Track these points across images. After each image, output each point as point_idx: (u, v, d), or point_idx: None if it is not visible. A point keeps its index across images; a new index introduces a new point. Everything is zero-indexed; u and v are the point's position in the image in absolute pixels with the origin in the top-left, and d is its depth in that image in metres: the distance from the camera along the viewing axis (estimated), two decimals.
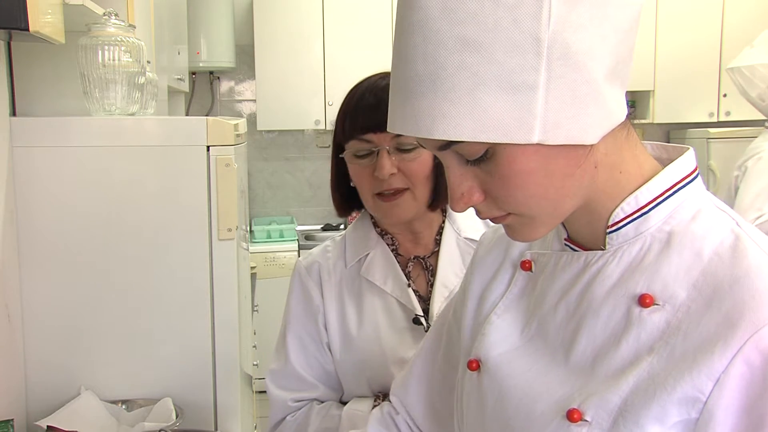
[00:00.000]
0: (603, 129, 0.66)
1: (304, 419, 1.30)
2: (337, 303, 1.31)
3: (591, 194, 0.71)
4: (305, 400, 1.33)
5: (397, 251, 1.33)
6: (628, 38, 0.67)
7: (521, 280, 0.83)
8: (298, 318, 1.34)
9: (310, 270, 1.34)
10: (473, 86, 0.62)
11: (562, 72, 0.62)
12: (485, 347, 0.81)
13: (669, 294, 0.67)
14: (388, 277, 1.29)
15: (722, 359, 0.61)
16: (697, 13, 4.46)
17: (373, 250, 1.32)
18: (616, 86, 0.67)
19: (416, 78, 0.64)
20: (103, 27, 1.72)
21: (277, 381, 1.35)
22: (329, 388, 1.33)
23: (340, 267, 1.33)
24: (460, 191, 0.69)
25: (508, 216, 0.70)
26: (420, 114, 0.64)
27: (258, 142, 4.83)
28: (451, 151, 0.67)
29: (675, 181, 0.72)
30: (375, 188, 1.23)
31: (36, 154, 1.67)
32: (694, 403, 0.62)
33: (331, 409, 1.29)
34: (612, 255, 0.72)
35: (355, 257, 1.32)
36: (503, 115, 0.62)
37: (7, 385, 1.62)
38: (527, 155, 0.64)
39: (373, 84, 1.27)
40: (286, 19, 4.41)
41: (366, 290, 1.30)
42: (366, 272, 1.30)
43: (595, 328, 0.71)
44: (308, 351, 1.33)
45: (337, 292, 1.32)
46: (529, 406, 0.72)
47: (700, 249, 0.68)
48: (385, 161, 1.20)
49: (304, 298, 1.33)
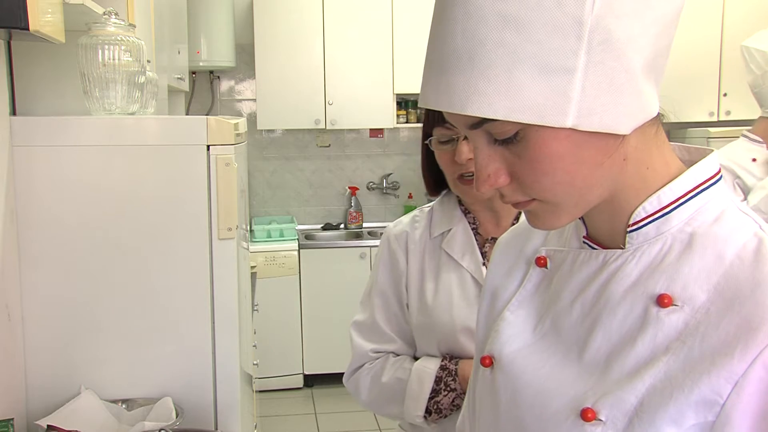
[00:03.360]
0: (636, 121, 0.66)
1: (380, 368, 1.44)
2: (418, 270, 1.44)
3: (617, 188, 0.70)
4: (383, 352, 1.47)
5: (477, 230, 1.44)
6: (668, 32, 0.67)
7: (535, 277, 0.83)
8: (384, 278, 1.48)
9: (398, 238, 1.48)
10: (511, 65, 0.61)
11: (601, 58, 0.62)
12: (499, 344, 0.81)
13: (689, 295, 0.66)
14: (466, 252, 1.41)
15: (742, 362, 0.61)
16: (698, 12, 4.45)
17: (456, 227, 1.44)
18: (651, 80, 0.67)
19: (453, 53, 0.63)
20: (103, 26, 1.72)
21: (361, 331, 1.49)
22: (405, 344, 1.47)
23: (425, 237, 1.46)
24: (486, 172, 0.68)
25: (532, 202, 0.70)
26: (455, 89, 0.63)
27: (258, 141, 4.83)
28: (482, 130, 0.67)
29: (698, 183, 0.71)
30: (456, 171, 1.35)
31: (36, 153, 1.67)
32: (712, 406, 0.62)
33: (404, 363, 1.42)
34: (631, 254, 0.71)
35: (439, 231, 1.45)
36: (538, 97, 0.61)
37: (8, 384, 1.62)
38: (559, 139, 0.64)
39: None
40: (286, 19, 4.41)
41: (445, 262, 1.42)
42: (447, 246, 1.43)
43: (611, 326, 0.70)
44: (390, 308, 1.47)
45: (420, 260, 1.45)
46: (543, 404, 0.72)
47: (723, 252, 0.67)
48: (463, 147, 1.32)
49: (391, 261, 1.48)
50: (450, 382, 1.34)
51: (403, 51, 4.45)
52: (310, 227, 4.87)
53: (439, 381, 1.34)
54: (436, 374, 1.35)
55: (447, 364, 1.36)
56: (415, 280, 1.44)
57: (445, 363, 1.36)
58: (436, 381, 1.34)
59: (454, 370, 1.35)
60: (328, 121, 4.48)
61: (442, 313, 1.38)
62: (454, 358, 1.37)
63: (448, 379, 1.34)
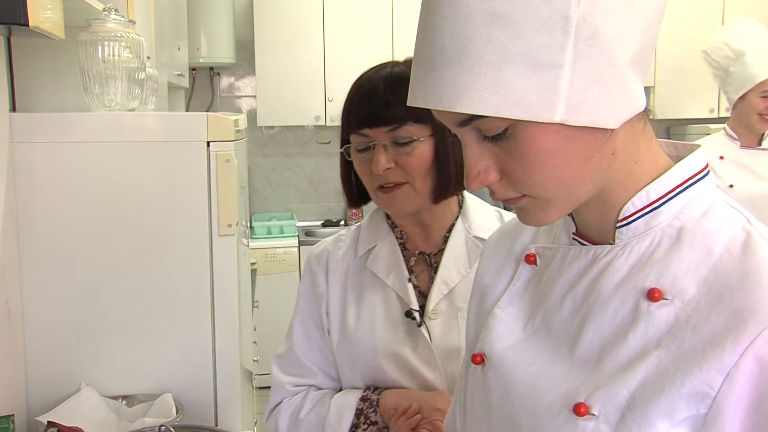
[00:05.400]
0: (624, 115, 0.66)
1: (299, 404, 1.32)
2: (340, 292, 1.33)
3: (606, 183, 0.71)
4: (303, 386, 1.35)
5: (404, 245, 1.32)
6: (654, 27, 0.68)
7: (525, 274, 0.83)
8: (305, 304, 1.36)
9: (319, 258, 1.36)
10: (499, 61, 0.62)
11: (588, 53, 0.62)
12: (490, 341, 0.81)
13: (678, 289, 0.67)
14: (391, 270, 1.29)
15: (732, 354, 0.61)
16: (698, 8, 4.45)
17: (381, 243, 1.32)
18: (638, 74, 0.67)
19: (441, 50, 0.64)
20: (103, 22, 1.72)
21: (281, 365, 1.37)
22: (328, 377, 1.35)
23: (349, 257, 1.34)
24: (476, 169, 0.69)
25: (522, 198, 0.70)
26: (443, 87, 0.64)
27: (258, 138, 4.83)
28: (471, 127, 0.67)
29: (686, 178, 0.72)
30: (376, 181, 1.23)
31: (36, 149, 1.67)
32: (704, 399, 0.62)
33: (324, 397, 1.31)
34: (621, 249, 0.72)
35: (365, 248, 1.33)
36: (527, 92, 0.62)
37: (8, 380, 1.62)
38: (548, 135, 0.64)
39: (372, 75, 1.25)
40: (286, 15, 4.41)
41: (369, 282, 1.31)
42: (372, 264, 1.31)
43: (602, 321, 0.70)
44: (312, 337, 1.35)
45: (342, 281, 1.33)
46: (535, 399, 0.72)
47: (711, 245, 0.68)
48: (380, 156, 1.19)
49: (311, 285, 1.35)
50: (371, 414, 1.24)
51: (403, 47, 4.44)
52: (310, 224, 4.87)
53: (360, 414, 1.24)
54: (357, 406, 1.25)
55: (368, 395, 1.26)
56: (336, 304, 1.32)
57: (366, 394, 1.26)
58: (356, 414, 1.24)
59: (376, 401, 1.24)
60: (328, 117, 4.48)
61: (365, 338, 1.27)
62: (377, 389, 1.26)
63: (369, 411, 1.24)
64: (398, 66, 1.25)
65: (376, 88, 1.21)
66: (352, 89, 1.27)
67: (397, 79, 1.21)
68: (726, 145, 2.77)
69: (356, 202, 1.35)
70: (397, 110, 1.18)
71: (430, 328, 1.24)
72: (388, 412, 1.22)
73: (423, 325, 1.24)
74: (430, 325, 1.24)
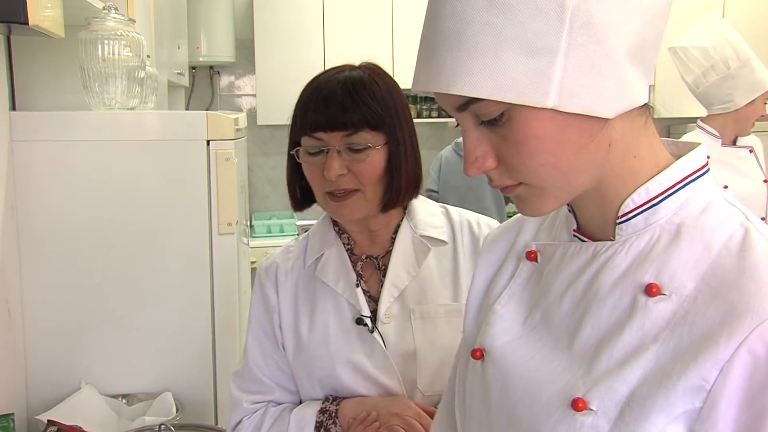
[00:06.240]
0: (620, 106, 0.67)
1: (258, 422, 1.30)
2: (291, 304, 1.30)
3: (603, 175, 0.71)
4: (261, 402, 1.33)
5: (352, 250, 1.31)
6: (657, 23, 0.68)
7: (525, 271, 0.84)
8: (257, 320, 1.33)
9: (268, 271, 1.33)
10: (495, 45, 0.64)
11: (582, 41, 0.64)
12: (489, 337, 0.82)
13: (676, 284, 0.67)
14: (340, 277, 1.27)
15: (727, 348, 0.61)
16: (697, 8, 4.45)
17: (329, 250, 1.30)
18: (639, 70, 0.68)
19: (442, 34, 0.66)
20: (103, 21, 1.72)
21: (237, 383, 1.34)
22: (286, 391, 1.33)
23: (298, 267, 1.32)
24: (474, 155, 0.70)
25: (519, 186, 0.71)
26: (442, 69, 0.66)
27: (258, 136, 4.83)
28: (469, 112, 0.69)
29: (686, 174, 0.72)
30: (326, 187, 1.21)
31: (36, 148, 1.67)
32: (699, 392, 0.62)
33: (283, 413, 1.29)
34: (621, 245, 0.72)
35: (313, 257, 1.31)
36: (521, 77, 0.64)
37: (8, 379, 1.63)
38: (541, 120, 0.66)
39: (329, 78, 1.21)
40: (286, 14, 4.41)
41: (320, 291, 1.29)
42: (321, 272, 1.29)
43: (600, 316, 0.71)
44: (266, 352, 1.32)
45: (293, 293, 1.31)
46: (534, 395, 0.73)
47: (710, 242, 0.68)
48: (333, 162, 1.17)
49: (262, 299, 1.33)
50: (330, 426, 1.22)
51: (403, 46, 4.45)
52: (309, 222, 4.84)
53: (320, 427, 1.23)
54: (316, 419, 1.23)
55: (327, 407, 1.24)
56: (288, 316, 1.30)
57: (325, 405, 1.24)
58: (315, 427, 1.23)
59: (335, 412, 1.23)
60: None
61: (319, 348, 1.25)
62: (336, 399, 1.25)
63: (329, 423, 1.23)
64: (356, 70, 1.22)
65: (333, 91, 1.18)
66: (306, 91, 1.23)
67: (355, 84, 1.18)
68: (708, 143, 2.76)
69: (300, 206, 1.32)
70: (354, 115, 1.16)
71: (384, 333, 1.23)
72: (347, 421, 1.21)
73: (375, 331, 1.23)
74: (384, 329, 1.23)
